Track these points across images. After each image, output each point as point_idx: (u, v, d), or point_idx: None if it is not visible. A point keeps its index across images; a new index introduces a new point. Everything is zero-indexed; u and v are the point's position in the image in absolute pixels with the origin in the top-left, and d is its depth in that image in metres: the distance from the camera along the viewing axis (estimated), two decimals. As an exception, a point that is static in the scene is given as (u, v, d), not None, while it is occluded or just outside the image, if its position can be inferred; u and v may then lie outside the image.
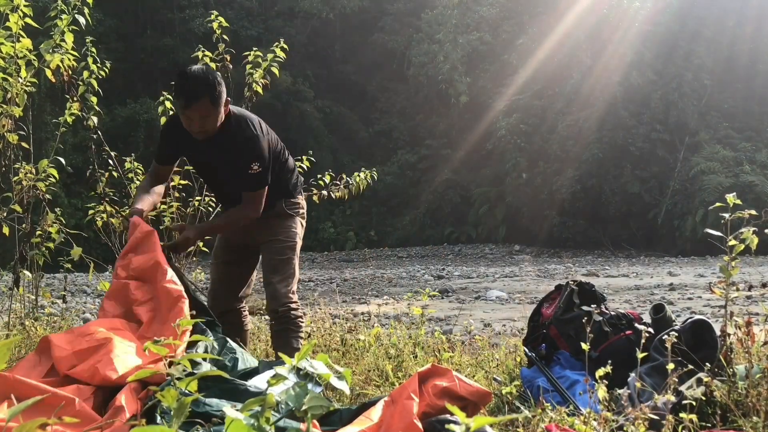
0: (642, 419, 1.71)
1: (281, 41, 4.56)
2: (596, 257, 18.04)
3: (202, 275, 4.98)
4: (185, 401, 1.37)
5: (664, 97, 19.38)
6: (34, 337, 3.85)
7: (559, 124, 20.46)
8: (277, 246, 3.12)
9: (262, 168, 2.89)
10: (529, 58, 21.65)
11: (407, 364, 3.27)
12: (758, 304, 5.76)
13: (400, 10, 28.40)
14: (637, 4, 20.47)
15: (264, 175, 2.91)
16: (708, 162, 18.10)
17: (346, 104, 27.49)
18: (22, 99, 4.01)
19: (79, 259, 4.29)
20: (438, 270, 15.03)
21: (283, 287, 3.06)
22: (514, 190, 21.56)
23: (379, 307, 6.81)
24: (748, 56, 20.09)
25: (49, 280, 9.40)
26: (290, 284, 3.09)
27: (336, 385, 1.48)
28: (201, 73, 2.76)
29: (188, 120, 2.79)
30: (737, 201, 2.20)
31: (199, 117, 2.76)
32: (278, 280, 3.07)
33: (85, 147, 5.27)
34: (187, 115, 2.77)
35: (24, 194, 4.21)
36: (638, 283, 10.53)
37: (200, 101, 2.72)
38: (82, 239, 4.51)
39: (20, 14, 3.84)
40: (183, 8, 26.29)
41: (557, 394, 2.57)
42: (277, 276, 3.07)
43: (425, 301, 4.16)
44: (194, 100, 2.72)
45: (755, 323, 2.29)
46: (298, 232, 3.21)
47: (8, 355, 1.27)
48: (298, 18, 28.30)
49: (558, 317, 3.04)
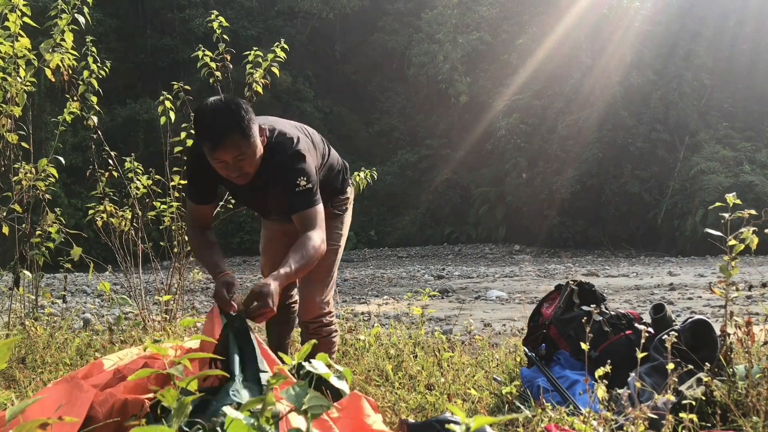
0: (642, 419, 1.70)
1: (281, 41, 4.56)
2: (596, 257, 18.04)
3: (200, 275, 4.98)
4: (185, 401, 1.37)
5: (664, 97, 19.38)
6: (34, 337, 3.86)
7: (559, 124, 20.46)
8: None
9: (311, 185, 2.38)
10: (529, 57, 21.66)
11: (407, 364, 3.27)
12: (758, 304, 5.76)
13: (400, 10, 28.42)
14: (637, 4, 20.48)
15: (311, 191, 2.39)
16: (708, 162, 18.10)
17: (346, 104, 27.51)
18: (22, 99, 4.01)
19: (79, 259, 4.29)
20: (438, 270, 15.03)
21: (319, 296, 2.74)
22: (514, 190, 21.57)
23: (379, 307, 6.82)
24: (748, 56, 20.09)
25: (49, 280, 9.42)
26: (327, 293, 2.78)
27: (336, 385, 1.48)
28: (221, 105, 2.27)
29: (221, 165, 2.28)
30: (737, 201, 2.20)
31: (232, 158, 2.26)
32: (315, 288, 2.74)
33: (85, 147, 5.28)
34: (218, 159, 2.26)
35: (24, 194, 4.21)
36: (638, 283, 10.53)
37: (229, 138, 2.23)
38: (82, 239, 4.51)
39: (19, 14, 3.84)
40: (183, 8, 26.30)
41: (557, 394, 2.57)
42: (314, 284, 2.73)
43: (425, 301, 4.16)
44: (222, 138, 2.22)
45: (755, 323, 2.29)
46: (343, 233, 2.86)
47: (8, 355, 1.26)
48: (298, 18, 28.31)
49: (558, 317, 3.04)
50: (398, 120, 27.43)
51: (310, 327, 2.74)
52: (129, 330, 4.13)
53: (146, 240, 4.61)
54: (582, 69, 20.60)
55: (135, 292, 4.49)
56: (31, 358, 3.57)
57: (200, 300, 9.16)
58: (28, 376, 3.29)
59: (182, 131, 4.36)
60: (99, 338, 4.01)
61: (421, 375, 3.10)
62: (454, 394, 2.79)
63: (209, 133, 2.23)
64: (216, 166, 2.29)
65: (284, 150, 2.40)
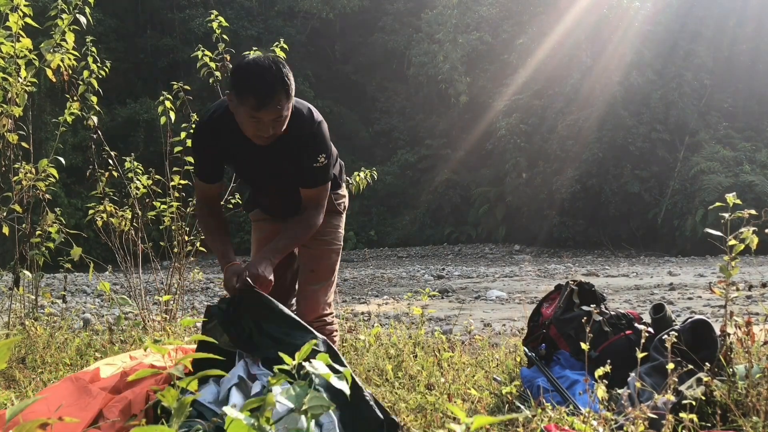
0: (642, 419, 1.70)
1: (281, 41, 4.56)
2: (596, 257, 18.04)
3: (200, 275, 4.98)
4: (185, 401, 1.37)
5: (664, 96, 19.38)
6: (34, 337, 3.86)
7: (559, 124, 20.46)
8: (322, 248, 2.72)
9: (328, 161, 2.45)
10: (529, 57, 21.65)
11: (407, 364, 3.27)
12: (758, 304, 5.76)
13: (400, 10, 28.42)
14: (637, 4, 20.48)
15: (328, 167, 2.48)
16: (708, 162, 18.10)
17: (346, 104, 27.50)
18: (22, 99, 4.01)
19: (79, 259, 4.29)
20: (438, 270, 15.03)
21: (321, 296, 2.72)
22: (514, 190, 21.57)
23: (379, 307, 6.82)
24: (748, 56, 20.09)
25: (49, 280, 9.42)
26: (328, 294, 2.76)
27: (336, 385, 1.48)
28: (269, 63, 2.24)
29: (257, 124, 2.25)
30: (737, 201, 2.20)
31: (272, 119, 2.25)
32: (317, 288, 2.72)
33: (85, 147, 5.27)
34: (257, 119, 2.23)
35: (24, 194, 4.21)
36: (638, 283, 10.52)
37: (276, 98, 2.21)
38: (82, 239, 4.52)
39: (20, 14, 3.84)
40: (183, 8, 26.31)
41: (557, 394, 2.57)
42: (315, 283, 2.72)
43: (425, 301, 4.17)
44: (270, 99, 2.20)
45: (755, 323, 2.29)
46: (340, 231, 2.82)
47: (8, 355, 1.27)
48: (298, 18, 28.31)
49: (558, 317, 3.04)
50: (398, 120, 27.43)
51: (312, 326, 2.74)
52: (129, 330, 4.13)
53: (146, 240, 4.61)
54: (582, 69, 20.60)
55: (135, 292, 4.49)
56: (31, 358, 3.57)
57: (200, 300, 9.17)
58: (28, 376, 3.29)
59: (182, 131, 4.36)
60: (99, 338, 4.02)
61: (421, 375, 3.11)
62: (454, 394, 2.79)
63: (256, 92, 2.19)
64: (249, 125, 2.27)
65: (309, 124, 2.42)
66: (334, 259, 2.78)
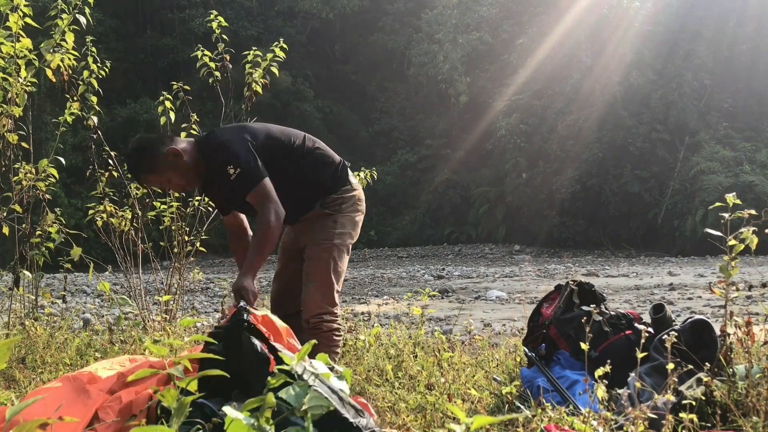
0: (642, 419, 1.70)
1: (281, 41, 4.55)
2: (596, 257, 18.05)
3: (200, 275, 4.98)
4: (185, 401, 1.37)
5: (664, 97, 19.38)
6: (34, 337, 3.85)
7: (559, 124, 20.47)
8: (314, 249, 2.86)
9: (241, 168, 2.59)
10: (529, 57, 21.66)
11: (407, 364, 3.27)
12: (758, 304, 5.76)
13: (400, 10, 28.43)
14: (637, 4, 20.49)
15: (247, 173, 2.60)
16: (708, 162, 18.10)
17: (346, 104, 27.51)
18: (22, 99, 4.01)
19: (79, 259, 4.29)
20: (438, 270, 15.03)
21: (318, 295, 2.81)
22: (514, 190, 21.57)
23: (379, 307, 6.82)
24: (748, 56, 20.09)
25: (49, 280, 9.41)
26: (326, 292, 2.83)
27: (336, 385, 1.48)
28: (131, 153, 2.74)
29: (161, 189, 2.96)
30: (737, 201, 2.20)
31: (159, 186, 2.84)
32: (313, 287, 2.82)
33: (85, 147, 5.27)
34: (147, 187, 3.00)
35: (24, 194, 4.21)
36: (638, 283, 10.53)
37: (140, 180, 2.82)
38: (82, 239, 4.51)
39: (20, 14, 3.84)
40: (183, 8, 26.31)
41: (557, 394, 2.56)
42: (311, 283, 2.83)
43: (425, 301, 4.16)
44: (137, 180, 2.89)
45: (755, 323, 2.29)
46: (337, 231, 2.88)
47: (8, 355, 1.27)
48: (298, 18, 28.32)
49: (558, 317, 3.04)
50: (398, 120, 27.44)
51: (310, 323, 2.82)
52: (129, 330, 4.13)
53: (146, 240, 4.61)
54: (582, 69, 20.60)
55: (135, 292, 4.49)
56: (31, 358, 3.56)
57: (200, 300, 9.17)
58: (28, 376, 3.29)
59: (182, 131, 4.36)
60: (99, 338, 4.01)
61: (421, 375, 3.10)
62: (454, 394, 2.79)
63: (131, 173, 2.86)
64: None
65: (209, 150, 2.71)
66: (325, 257, 2.85)
